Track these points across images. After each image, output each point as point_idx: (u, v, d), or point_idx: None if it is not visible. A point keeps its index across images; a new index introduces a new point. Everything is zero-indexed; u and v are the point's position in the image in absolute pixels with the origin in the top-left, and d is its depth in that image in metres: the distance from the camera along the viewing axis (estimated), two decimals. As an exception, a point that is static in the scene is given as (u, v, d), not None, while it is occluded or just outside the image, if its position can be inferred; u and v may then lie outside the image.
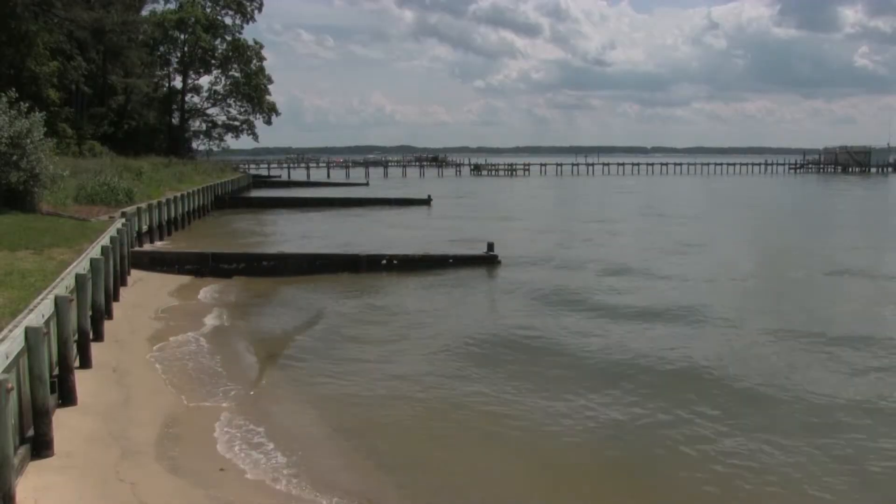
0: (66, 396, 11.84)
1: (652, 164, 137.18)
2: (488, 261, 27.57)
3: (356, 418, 12.47)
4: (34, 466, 9.50)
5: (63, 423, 10.88)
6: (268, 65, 79.73)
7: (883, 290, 23.78)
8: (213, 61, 75.90)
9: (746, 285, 25.29)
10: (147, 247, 29.50)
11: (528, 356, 16.09)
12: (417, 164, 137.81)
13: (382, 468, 10.61)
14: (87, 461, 9.92)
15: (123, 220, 25.06)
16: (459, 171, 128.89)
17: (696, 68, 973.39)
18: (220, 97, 78.84)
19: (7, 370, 8.65)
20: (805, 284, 25.20)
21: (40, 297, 11.85)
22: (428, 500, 9.71)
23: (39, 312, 10.86)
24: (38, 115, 24.66)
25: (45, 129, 25.26)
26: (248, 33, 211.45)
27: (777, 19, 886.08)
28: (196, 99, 79.10)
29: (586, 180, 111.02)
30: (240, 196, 65.29)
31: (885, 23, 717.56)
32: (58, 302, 11.71)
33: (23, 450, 9.33)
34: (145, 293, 21.89)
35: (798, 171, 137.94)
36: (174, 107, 76.92)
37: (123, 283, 21.71)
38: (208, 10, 74.56)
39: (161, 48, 72.62)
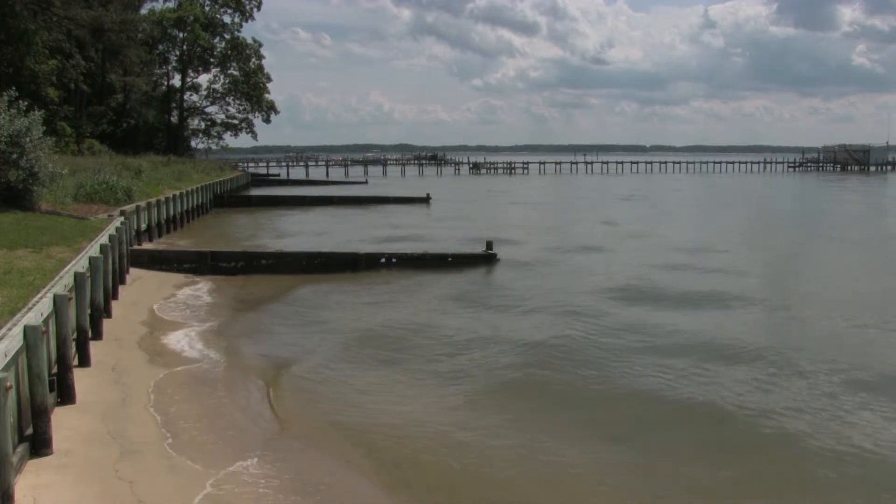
0: (65, 395, 11.85)
1: (651, 163, 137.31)
2: (487, 259, 27.61)
3: (354, 413, 12.51)
4: (33, 465, 9.51)
5: (62, 421, 10.90)
6: (266, 63, 79.85)
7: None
8: (211, 60, 75.89)
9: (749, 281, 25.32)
10: (146, 245, 29.51)
11: (528, 353, 16.09)
12: (416, 162, 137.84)
13: (378, 462, 10.66)
14: (86, 460, 9.94)
15: (122, 218, 25.06)
16: (458, 170, 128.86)
17: (694, 67, 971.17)
18: (218, 95, 78.87)
19: (6, 368, 8.66)
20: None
21: (39, 295, 11.85)
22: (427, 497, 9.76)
23: (38, 311, 10.86)
24: (37, 114, 24.62)
25: (44, 127, 25.21)
26: (246, 32, 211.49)
27: (774, 18, 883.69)
28: (195, 97, 79.26)
29: (585, 179, 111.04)
30: (239, 194, 65.22)
31: (883, 21, 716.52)
32: (56, 300, 11.72)
33: (21, 448, 9.34)
34: (144, 292, 21.90)
35: (797, 169, 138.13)
36: (173, 105, 76.92)
37: (122, 282, 21.73)
38: (207, 9, 74.55)
39: (160, 46, 72.61)
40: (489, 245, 27.89)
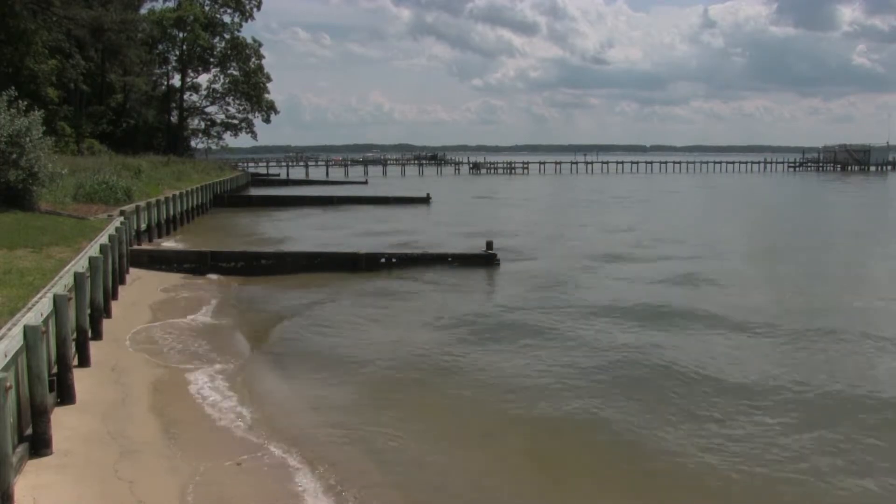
0: (65, 395, 11.85)
1: (651, 163, 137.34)
2: (487, 259, 27.58)
3: (349, 415, 12.51)
4: (32, 465, 9.51)
5: (61, 421, 10.89)
6: (265, 63, 79.89)
7: None
8: (211, 59, 75.90)
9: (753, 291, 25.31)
10: (146, 245, 29.51)
11: (526, 355, 16.10)
12: (416, 162, 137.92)
13: (373, 458, 10.70)
14: (86, 460, 9.93)
15: (122, 218, 25.06)
16: (458, 170, 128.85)
17: (694, 67, 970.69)
18: (218, 95, 78.88)
19: (6, 369, 8.66)
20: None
21: (39, 295, 11.85)
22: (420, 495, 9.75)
23: (38, 311, 10.86)
24: (37, 114, 24.63)
25: (44, 127, 25.21)
26: (246, 31, 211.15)
27: (774, 18, 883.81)
28: (195, 97, 79.29)
29: (586, 179, 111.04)
30: (239, 194, 65.28)
31: (883, 21, 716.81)
32: (56, 300, 11.72)
33: (21, 448, 9.34)
34: (144, 292, 21.90)
35: (797, 169, 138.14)
36: (173, 105, 76.92)
37: (122, 282, 21.72)
38: (207, 9, 74.54)
39: (160, 46, 72.57)
40: (489, 245, 27.86)
